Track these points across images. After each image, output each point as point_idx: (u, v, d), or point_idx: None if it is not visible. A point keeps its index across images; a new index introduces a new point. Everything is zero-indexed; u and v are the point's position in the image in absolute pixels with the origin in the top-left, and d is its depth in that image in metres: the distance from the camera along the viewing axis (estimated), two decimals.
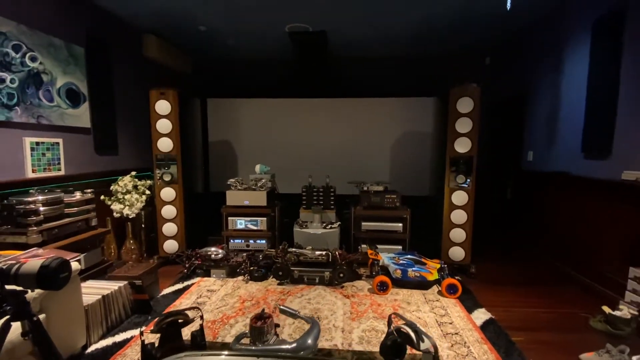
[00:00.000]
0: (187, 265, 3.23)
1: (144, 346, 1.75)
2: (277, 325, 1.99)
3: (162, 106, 3.41)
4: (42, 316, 1.80)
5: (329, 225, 3.61)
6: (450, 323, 2.40)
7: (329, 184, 3.86)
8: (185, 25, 3.91)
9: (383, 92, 4.77)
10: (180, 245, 3.59)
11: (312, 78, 4.54)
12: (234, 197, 3.64)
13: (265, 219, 3.62)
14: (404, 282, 2.95)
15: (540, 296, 2.87)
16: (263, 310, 1.97)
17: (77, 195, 2.63)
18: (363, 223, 3.60)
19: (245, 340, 1.91)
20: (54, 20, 2.92)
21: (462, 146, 3.24)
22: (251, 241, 3.65)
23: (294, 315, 2.19)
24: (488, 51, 4.82)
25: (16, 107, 2.58)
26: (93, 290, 2.32)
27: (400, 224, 3.56)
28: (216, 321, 2.42)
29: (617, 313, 2.22)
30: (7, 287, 1.46)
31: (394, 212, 3.57)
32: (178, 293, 2.89)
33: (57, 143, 2.94)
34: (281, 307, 2.15)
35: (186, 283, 3.09)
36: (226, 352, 1.30)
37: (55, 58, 2.90)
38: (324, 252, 3.07)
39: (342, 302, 2.72)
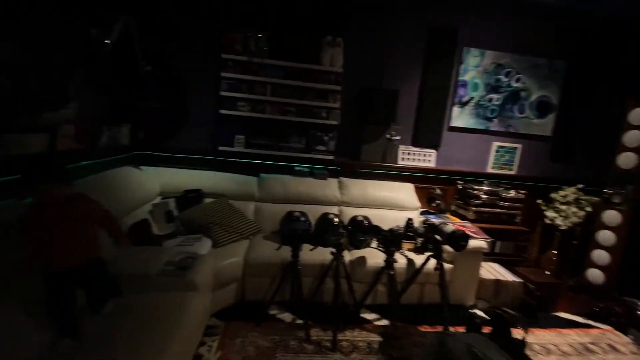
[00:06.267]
0: (600, 305, 2.73)
1: None
2: None
3: (638, 115, 2.83)
4: (451, 266, 2.61)
5: None
6: None
7: None
8: None
9: None
10: (607, 280, 3.01)
11: None
12: None
13: None
14: None
15: None
16: None
17: (512, 193, 3.12)
18: None
19: None
20: (541, 44, 3.37)
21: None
22: None
23: None
24: None
25: (494, 120, 3.46)
26: (493, 272, 2.82)
27: None
28: None
29: None
30: (435, 236, 2.36)
31: None
32: (571, 325, 2.62)
33: (516, 148, 3.54)
34: None
35: (589, 322, 2.68)
36: None
37: (535, 76, 3.40)
38: None
39: None
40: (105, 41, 1.98)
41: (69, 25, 1.67)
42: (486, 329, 1.70)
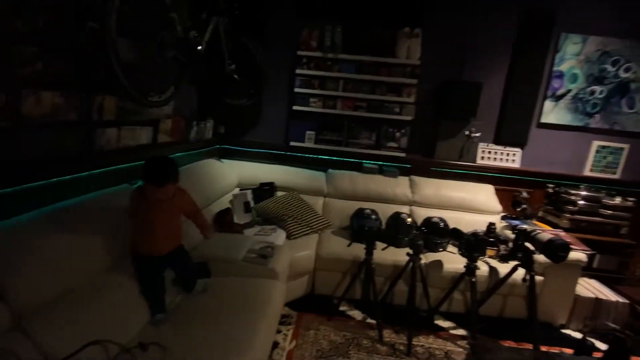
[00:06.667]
0: None
1: None
2: None
3: None
4: (541, 278, 2.34)
5: None
6: None
7: None
8: None
9: None
10: None
11: None
12: None
13: None
14: None
15: None
16: None
17: (617, 200, 2.70)
18: None
19: None
20: None
21: None
22: None
23: None
24: None
25: (595, 115, 3.02)
26: (592, 289, 2.47)
27: None
28: None
29: None
30: (525, 243, 2.14)
31: None
32: None
33: (622, 148, 3.05)
34: None
35: None
36: None
37: None
38: None
39: None
40: (199, 46, 2.11)
41: (173, 29, 1.83)
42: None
